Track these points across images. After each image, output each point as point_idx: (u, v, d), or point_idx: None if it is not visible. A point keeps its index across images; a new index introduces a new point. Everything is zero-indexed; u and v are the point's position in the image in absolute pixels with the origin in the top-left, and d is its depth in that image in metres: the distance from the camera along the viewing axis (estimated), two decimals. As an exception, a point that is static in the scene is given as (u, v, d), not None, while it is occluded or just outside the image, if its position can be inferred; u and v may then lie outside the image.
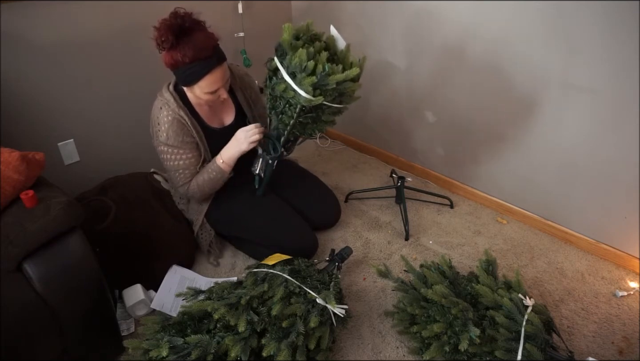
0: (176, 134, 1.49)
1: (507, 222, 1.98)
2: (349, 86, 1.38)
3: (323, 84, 1.32)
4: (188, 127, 1.50)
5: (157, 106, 1.50)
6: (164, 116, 1.47)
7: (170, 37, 1.30)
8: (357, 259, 1.77)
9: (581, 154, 1.67)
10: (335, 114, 1.48)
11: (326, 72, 1.32)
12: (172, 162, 1.53)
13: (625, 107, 1.49)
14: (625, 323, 1.49)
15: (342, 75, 1.33)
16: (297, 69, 1.33)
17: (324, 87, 1.33)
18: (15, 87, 1.65)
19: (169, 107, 1.47)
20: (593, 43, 1.48)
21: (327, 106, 1.41)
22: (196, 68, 1.36)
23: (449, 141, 2.09)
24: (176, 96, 1.49)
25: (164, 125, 1.47)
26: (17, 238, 1.07)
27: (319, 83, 1.32)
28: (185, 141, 1.51)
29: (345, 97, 1.44)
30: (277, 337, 1.21)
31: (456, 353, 1.23)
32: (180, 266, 1.68)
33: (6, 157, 1.15)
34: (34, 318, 1.10)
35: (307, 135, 1.53)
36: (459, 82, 1.92)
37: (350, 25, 2.21)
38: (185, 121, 1.49)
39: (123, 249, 1.52)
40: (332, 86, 1.33)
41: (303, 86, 1.31)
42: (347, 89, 1.39)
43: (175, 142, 1.49)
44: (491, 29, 1.72)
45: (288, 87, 1.35)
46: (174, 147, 1.50)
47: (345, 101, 1.45)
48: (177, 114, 1.47)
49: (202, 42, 1.33)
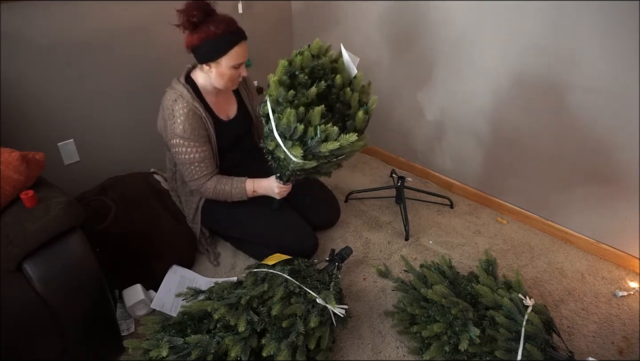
0: (192, 127, 1.49)
1: (507, 222, 1.98)
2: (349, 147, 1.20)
3: (314, 151, 1.17)
4: (203, 118, 1.52)
5: (170, 98, 1.50)
6: (180, 108, 1.48)
7: (201, 14, 1.40)
8: (357, 259, 1.77)
9: (581, 154, 1.67)
10: (337, 163, 1.36)
11: (318, 138, 1.16)
12: (187, 155, 1.53)
13: (625, 107, 1.49)
14: (625, 323, 1.49)
15: (335, 144, 1.15)
16: (285, 131, 1.20)
17: (317, 154, 1.19)
18: (15, 87, 1.65)
19: (184, 99, 1.49)
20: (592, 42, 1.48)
21: (325, 162, 1.27)
22: (228, 38, 1.42)
23: (449, 141, 2.09)
24: (189, 88, 1.51)
25: (179, 117, 1.48)
26: (17, 238, 1.07)
27: (309, 150, 1.17)
28: (200, 134, 1.52)
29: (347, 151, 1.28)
30: (277, 337, 1.21)
31: (456, 353, 1.23)
32: (180, 266, 1.68)
33: (6, 157, 1.15)
34: (34, 318, 1.10)
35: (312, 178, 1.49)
36: (459, 83, 1.92)
37: (350, 25, 2.21)
38: (200, 113, 1.51)
39: (123, 249, 1.52)
40: (326, 154, 1.18)
41: (292, 152, 1.19)
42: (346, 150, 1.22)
43: (192, 135, 1.50)
44: (491, 30, 1.72)
45: (278, 146, 1.25)
46: (190, 140, 1.51)
47: (347, 154, 1.30)
48: (192, 106, 1.49)
49: (228, 19, 1.45)
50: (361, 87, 1.35)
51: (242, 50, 1.46)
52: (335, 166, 1.40)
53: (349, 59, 1.33)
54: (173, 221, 1.71)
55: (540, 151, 1.78)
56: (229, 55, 1.44)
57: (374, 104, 1.32)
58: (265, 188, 1.60)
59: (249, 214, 1.67)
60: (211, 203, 1.69)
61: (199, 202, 1.71)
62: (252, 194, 1.62)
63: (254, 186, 1.60)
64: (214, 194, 1.60)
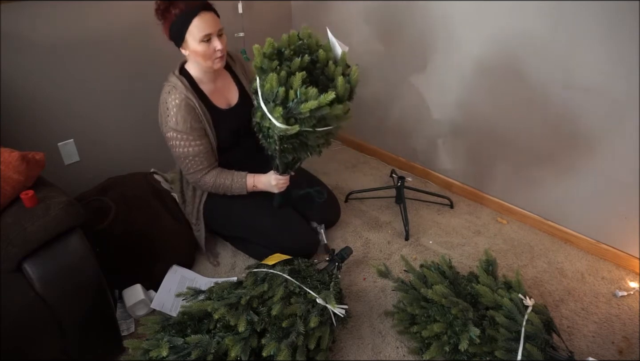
0: (184, 119, 1.48)
1: (507, 222, 1.98)
2: (330, 111, 1.21)
3: (295, 113, 1.18)
4: (196, 110, 1.50)
5: (165, 91, 1.51)
6: (172, 99, 1.48)
7: (162, 2, 1.42)
8: (357, 259, 1.77)
9: (581, 154, 1.67)
10: (324, 137, 1.35)
11: (298, 98, 1.18)
12: (181, 149, 1.53)
13: (625, 107, 1.49)
14: (625, 323, 1.49)
15: (314, 103, 1.16)
16: (270, 97, 1.23)
17: (298, 115, 1.19)
18: (15, 87, 1.65)
19: (177, 90, 1.48)
20: (592, 43, 1.48)
21: (310, 132, 1.26)
22: (184, 16, 1.40)
23: (449, 141, 2.09)
24: (183, 79, 1.51)
25: (172, 109, 1.48)
26: (17, 238, 1.07)
27: (290, 112, 1.19)
28: (194, 127, 1.51)
29: (332, 120, 1.28)
30: (277, 337, 1.21)
31: (456, 353, 1.23)
32: (180, 266, 1.68)
33: (6, 157, 1.15)
34: (33, 318, 1.10)
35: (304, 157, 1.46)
36: (458, 82, 1.92)
37: (349, 25, 2.21)
38: (193, 103, 1.50)
39: (123, 249, 1.52)
40: (307, 115, 1.18)
41: (274, 115, 1.21)
42: (328, 115, 1.22)
43: (184, 127, 1.49)
44: (491, 30, 1.72)
45: (264, 114, 1.27)
46: (183, 133, 1.50)
47: (332, 123, 1.29)
48: (184, 96, 1.48)
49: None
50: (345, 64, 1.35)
51: (204, 22, 1.41)
52: (322, 139, 1.36)
53: (334, 40, 1.35)
54: (173, 221, 1.71)
55: (540, 151, 1.78)
56: (190, 31, 1.41)
57: (356, 72, 1.31)
58: (264, 182, 1.61)
59: (248, 213, 1.67)
60: (211, 203, 1.69)
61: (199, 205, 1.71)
62: (252, 189, 1.62)
63: (254, 180, 1.61)
64: (214, 187, 1.60)
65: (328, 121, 1.27)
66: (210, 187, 1.60)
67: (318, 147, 1.41)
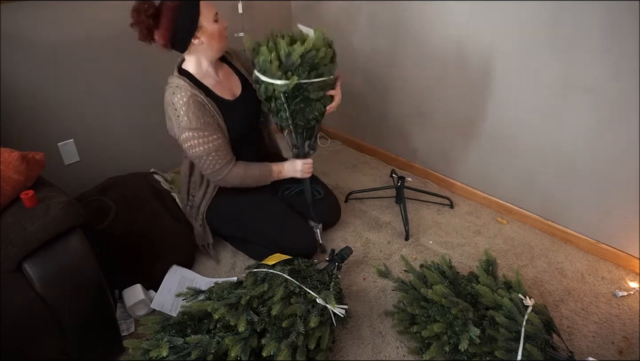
0: (196, 116, 1.46)
1: (507, 222, 1.98)
2: (317, 55, 1.41)
3: (289, 65, 1.39)
4: (205, 104, 1.49)
5: (169, 93, 1.48)
6: (179, 99, 1.45)
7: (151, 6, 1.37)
8: (357, 259, 1.77)
9: (581, 154, 1.67)
10: (323, 88, 1.49)
11: (287, 52, 1.39)
12: (201, 147, 1.49)
13: (625, 107, 1.49)
14: (625, 323, 1.49)
15: (300, 48, 1.37)
16: (266, 66, 1.41)
17: (292, 67, 1.39)
18: (15, 87, 1.65)
19: (181, 89, 1.46)
20: (592, 43, 1.48)
21: (308, 83, 1.44)
22: (187, 4, 1.39)
23: (449, 141, 2.09)
24: (185, 78, 1.49)
25: (181, 109, 1.45)
26: (17, 238, 1.07)
27: (285, 66, 1.39)
28: (207, 121, 1.49)
29: (323, 69, 1.45)
30: (277, 337, 1.21)
31: (456, 353, 1.23)
32: (180, 266, 1.68)
33: (6, 157, 1.15)
34: (33, 318, 1.10)
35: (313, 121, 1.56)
36: (458, 83, 1.92)
37: (349, 26, 2.21)
38: (201, 99, 1.48)
39: (123, 249, 1.52)
40: (298, 62, 1.38)
41: (274, 75, 1.40)
42: (316, 59, 1.41)
43: (198, 124, 1.47)
44: (491, 30, 1.72)
45: (265, 84, 1.45)
46: (199, 130, 1.47)
47: (324, 72, 1.46)
48: (191, 93, 1.46)
49: None
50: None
51: (208, 3, 1.44)
52: (322, 91, 1.49)
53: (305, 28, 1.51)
54: (173, 221, 1.71)
55: (539, 151, 1.78)
56: (203, 13, 1.41)
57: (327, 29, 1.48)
58: (289, 168, 1.67)
59: (249, 214, 1.67)
60: (213, 203, 1.69)
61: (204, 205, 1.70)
62: (278, 176, 1.67)
63: (278, 168, 1.66)
64: (243, 179, 1.60)
65: (320, 70, 1.45)
66: (239, 179, 1.59)
67: (320, 102, 1.52)
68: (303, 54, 1.38)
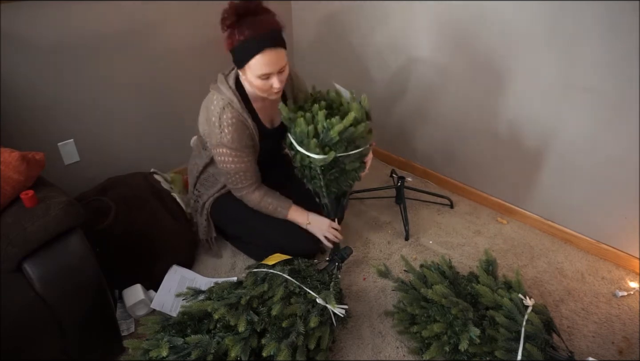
0: (240, 138, 1.45)
1: (507, 222, 1.98)
2: (355, 131, 1.38)
3: (327, 141, 1.37)
4: (250, 129, 1.48)
5: (218, 104, 1.43)
6: (228, 118, 1.42)
7: (232, 16, 1.32)
8: (357, 259, 1.77)
9: (581, 154, 1.67)
10: (359, 159, 1.48)
11: (326, 128, 1.37)
12: (232, 165, 1.50)
13: (625, 107, 1.49)
14: (625, 323, 1.49)
15: (340, 125, 1.34)
16: (303, 137, 1.39)
17: (330, 142, 1.37)
18: (15, 88, 1.65)
19: (233, 108, 1.43)
20: (592, 43, 1.48)
21: (345, 156, 1.41)
22: (249, 45, 1.32)
23: (449, 141, 2.09)
24: (238, 96, 1.45)
25: (227, 127, 1.43)
26: (17, 238, 1.07)
27: (323, 141, 1.37)
28: (247, 144, 1.49)
29: (359, 141, 1.42)
30: (277, 337, 1.21)
31: (456, 353, 1.23)
32: (180, 266, 1.68)
33: (6, 157, 1.15)
34: (33, 318, 1.10)
35: (347, 187, 1.56)
36: (459, 83, 1.92)
37: (349, 26, 2.21)
38: (248, 123, 1.46)
39: (123, 249, 1.52)
40: (337, 138, 1.36)
41: (311, 149, 1.37)
42: (355, 135, 1.38)
43: (239, 146, 1.46)
44: (491, 30, 1.72)
45: (302, 155, 1.43)
46: (237, 150, 1.47)
47: (360, 144, 1.43)
48: (241, 117, 1.44)
49: (261, 22, 1.33)
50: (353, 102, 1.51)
51: (267, 59, 1.33)
52: (357, 162, 1.47)
53: (340, 87, 1.52)
54: (173, 221, 1.71)
55: (539, 151, 1.78)
56: (251, 64, 1.34)
57: (365, 99, 1.47)
58: (314, 223, 1.60)
59: (250, 214, 1.67)
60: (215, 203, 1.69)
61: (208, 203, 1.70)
62: (294, 218, 1.61)
63: (303, 216, 1.60)
64: (258, 205, 1.59)
65: (357, 143, 1.43)
66: (254, 204, 1.59)
67: (355, 171, 1.50)
68: (342, 130, 1.35)
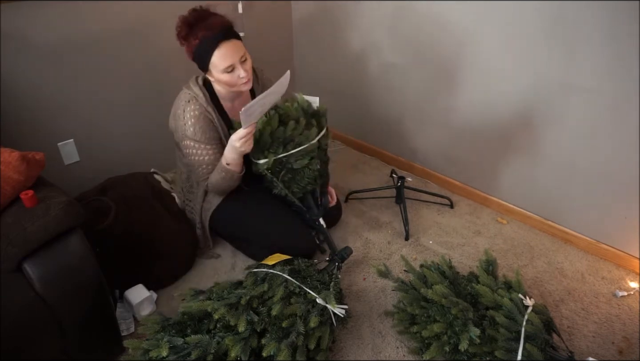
0: (202, 130, 1.49)
1: (507, 222, 1.98)
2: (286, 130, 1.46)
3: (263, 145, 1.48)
4: (214, 122, 1.52)
5: (183, 98, 1.50)
6: (191, 110, 1.48)
7: (185, 28, 1.41)
8: (357, 259, 1.77)
9: (581, 154, 1.67)
10: (305, 156, 1.53)
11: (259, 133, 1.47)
12: (197, 157, 1.54)
13: (625, 107, 1.49)
14: (625, 323, 1.49)
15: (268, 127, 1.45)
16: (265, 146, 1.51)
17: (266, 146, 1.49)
18: (15, 87, 1.65)
19: (197, 101, 1.48)
20: (592, 43, 1.48)
21: (288, 156, 1.50)
22: (205, 44, 1.39)
23: (449, 141, 2.09)
24: (205, 92, 1.51)
25: (190, 120, 1.48)
26: (17, 238, 1.07)
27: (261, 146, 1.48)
28: (212, 136, 1.52)
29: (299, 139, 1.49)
30: (277, 337, 1.21)
31: (456, 353, 1.23)
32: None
33: (6, 157, 1.15)
34: (33, 318, 1.10)
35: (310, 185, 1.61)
36: (459, 83, 1.92)
37: (349, 26, 2.21)
38: (212, 117, 1.51)
39: (123, 249, 1.52)
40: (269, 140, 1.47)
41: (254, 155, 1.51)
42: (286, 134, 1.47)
43: (202, 137, 1.50)
44: (491, 30, 1.72)
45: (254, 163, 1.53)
46: (200, 143, 1.51)
47: (302, 141, 1.49)
48: (204, 109, 1.49)
49: (211, 23, 1.40)
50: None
51: (225, 52, 1.40)
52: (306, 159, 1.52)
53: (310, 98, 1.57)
54: (173, 221, 1.71)
55: (539, 151, 1.78)
56: (213, 62, 1.41)
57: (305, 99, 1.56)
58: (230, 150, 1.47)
59: (249, 214, 1.67)
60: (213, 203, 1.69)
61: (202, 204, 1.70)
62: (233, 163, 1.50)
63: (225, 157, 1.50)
64: (217, 188, 1.59)
65: (297, 141, 1.50)
66: (214, 189, 1.60)
67: (308, 168, 1.55)
68: (271, 132, 1.45)
